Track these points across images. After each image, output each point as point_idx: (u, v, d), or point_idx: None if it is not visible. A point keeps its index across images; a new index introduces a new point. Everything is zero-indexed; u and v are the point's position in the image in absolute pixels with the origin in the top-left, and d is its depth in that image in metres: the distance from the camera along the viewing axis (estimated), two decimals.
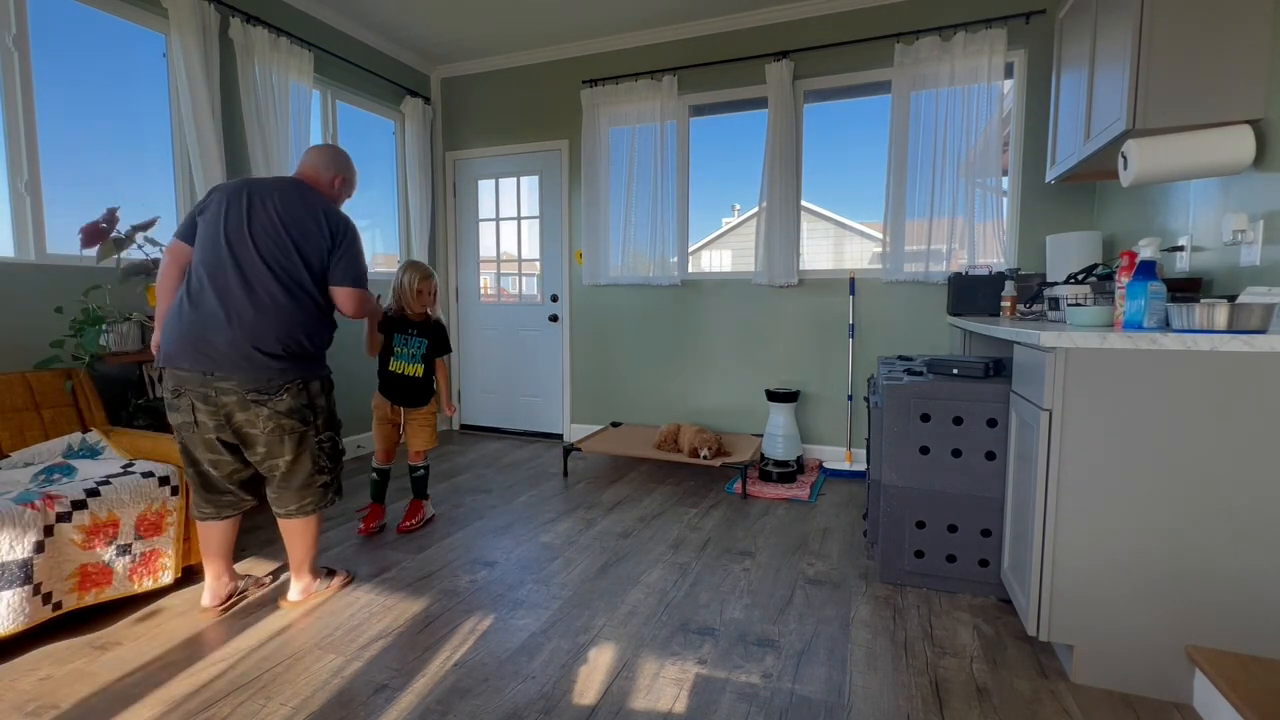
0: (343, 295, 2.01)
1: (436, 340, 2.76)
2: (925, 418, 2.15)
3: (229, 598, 2.07)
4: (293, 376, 1.92)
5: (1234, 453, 1.51)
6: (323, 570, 2.24)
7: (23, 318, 2.48)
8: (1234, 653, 1.54)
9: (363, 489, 3.24)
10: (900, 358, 2.93)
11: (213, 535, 2.05)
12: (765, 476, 3.49)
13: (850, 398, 3.77)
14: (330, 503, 2.11)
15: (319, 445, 2.03)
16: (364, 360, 2.86)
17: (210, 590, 2.05)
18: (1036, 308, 2.60)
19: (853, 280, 3.68)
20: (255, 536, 2.67)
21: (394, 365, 2.69)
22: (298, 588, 2.11)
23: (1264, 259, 1.81)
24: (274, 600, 2.14)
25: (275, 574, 2.30)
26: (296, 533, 2.07)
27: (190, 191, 3.12)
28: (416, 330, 2.71)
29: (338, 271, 1.99)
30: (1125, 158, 2.02)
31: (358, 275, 2.03)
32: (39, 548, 1.77)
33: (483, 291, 4.87)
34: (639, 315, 4.30)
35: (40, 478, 2.05)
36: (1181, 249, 2.24)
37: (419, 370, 2.71)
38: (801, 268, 3.86)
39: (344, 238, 1.99)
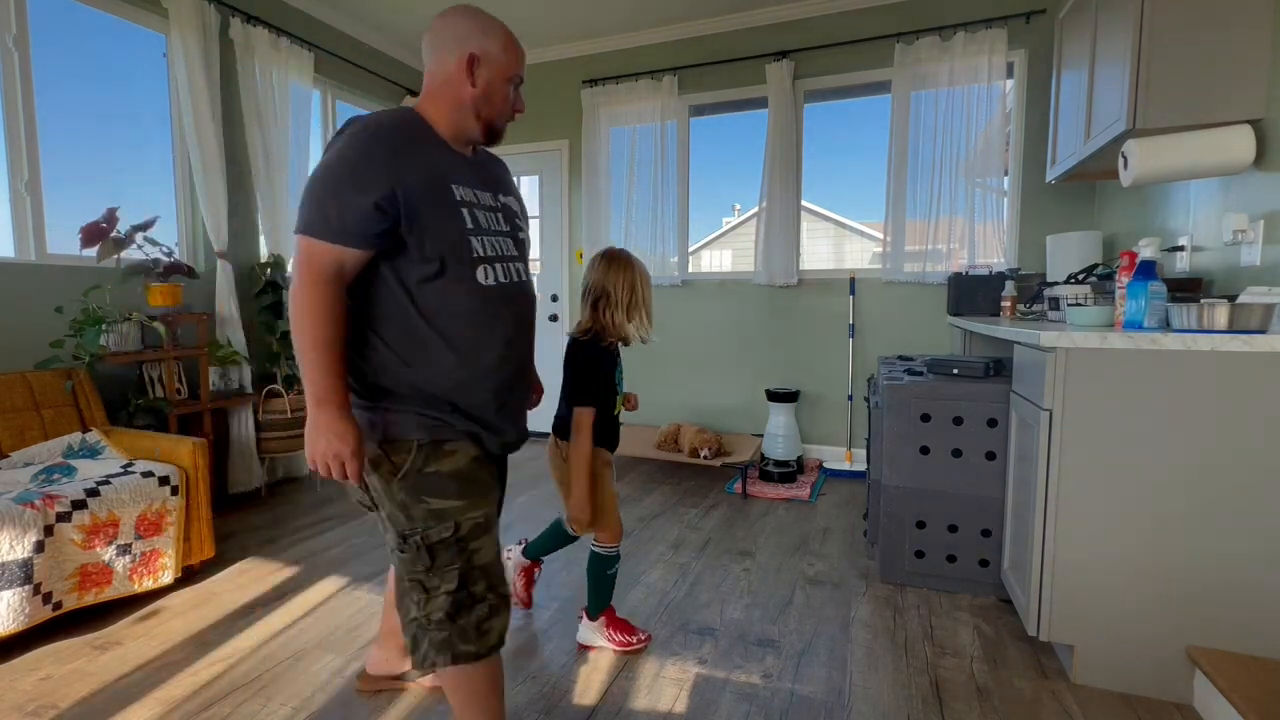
0: None
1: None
2: (925, 418, 2.15)
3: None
4: (365, 435, 1.18)
5: (1234, 453, 1.51)
6: None
7: (23, 318, 2.48)
8: (1234, 653, 1.54)
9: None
10: (900, 358, 2.93)
11: None
12: (765, 476, 3.49)
13: (850, 398, 3.77)
14: (430, 665, 1.20)
15: (397, 554, 1.21)
16: None
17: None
18: (1037, 308, 2.60)
19: (853, 280, 3.68)
20: (255, 536, 2.67)
21: (616, 407, 1.93)
22: None
23: (1264, 259, 1.81)
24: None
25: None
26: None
27: (190, 192, 3.11)
28: (619, 355, 1.91)
29: None
30: (1125, 158, 2.02)
31: (301, 213, 1.11)
32: (39, 548, 1.77)
33: None
34: None
35: (40, 478, 2.05)
36: (1182, 249, 2.24)
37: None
38: (801, 268, 3.86)
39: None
